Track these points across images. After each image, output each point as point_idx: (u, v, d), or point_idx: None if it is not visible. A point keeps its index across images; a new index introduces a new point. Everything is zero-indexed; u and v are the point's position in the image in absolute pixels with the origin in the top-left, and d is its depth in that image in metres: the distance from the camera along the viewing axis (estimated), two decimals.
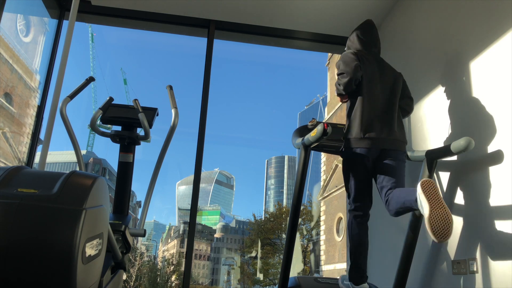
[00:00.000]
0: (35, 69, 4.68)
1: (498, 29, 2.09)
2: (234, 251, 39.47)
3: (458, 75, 2.42)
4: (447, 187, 2.37)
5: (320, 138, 2.07)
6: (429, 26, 2.84)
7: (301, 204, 2.43)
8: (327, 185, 27.97)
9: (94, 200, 1.29)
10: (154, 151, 2.58)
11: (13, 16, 4.29)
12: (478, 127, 2.16)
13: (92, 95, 43.78)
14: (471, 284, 2.04)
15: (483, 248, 2.01)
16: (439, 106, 2.55)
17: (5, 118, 5.63)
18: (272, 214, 31.29)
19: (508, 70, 1.99)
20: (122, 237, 2.03)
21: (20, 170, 1.36)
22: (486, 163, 2.07)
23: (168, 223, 57.55)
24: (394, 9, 3.41)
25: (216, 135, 55.48)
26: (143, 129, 2.26)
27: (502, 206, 1.93)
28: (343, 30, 3.83)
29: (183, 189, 72.98)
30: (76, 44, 39.35)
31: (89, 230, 1.25)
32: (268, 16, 3.69)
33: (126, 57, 77.23)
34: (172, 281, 28.70)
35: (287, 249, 2.31)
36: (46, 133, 2.34)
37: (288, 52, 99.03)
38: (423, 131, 2.71)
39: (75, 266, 1.17)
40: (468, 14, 2.40)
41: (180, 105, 2.43)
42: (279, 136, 77.24)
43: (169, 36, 43.88)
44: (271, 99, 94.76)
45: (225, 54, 57.23)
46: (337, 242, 25.56)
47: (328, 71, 31.13)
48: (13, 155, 5.62)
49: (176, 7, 3.67)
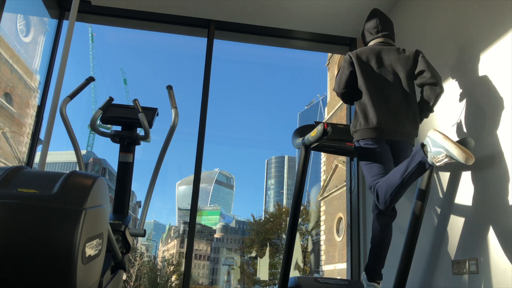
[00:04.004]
0: (35, 69, 4.68)
1: (500, 28, 2.09)
2: (234, 251, 39.44)
3: (458, 75, 2.42)
4: (447, 187, 2.37)
5: (320, 138, 2.07)
6: (429, 26, 2.84)
7: (301, 204, 2.43)
8: (327, 185, 27.95)
9: (94, 200, 1.29)
10: (154, 151, 2.58)
11: (13, 16, 4.28)
12: (478, 127, 2.16)
13: (92, 95, 43.80)
14: (471, 284, 2.04)
15: (483, 248, 2.01)
16: (439, 106, 2.55)
17: (5, 118, 5.63)
18: (272, 214, 31.28)
19: (508, 70, 1.99)
20: (122, 237, 2.03)
21: (20, 170, 1.36)
22: (486, 163, 2.07)
23: (168, 223, 57.52)
24: (395, 9, 3.41)
25: (216, 135, 55.53)
26: (143, 129, 2.26)
27: (502, 206, 1.93)
28: (343, 30, 3.83)
29: (183, 189, 72.94)
30: (76, 44, 39.39)
31: (89, 230, 1.25)
32: (268, 16, 3.69)
33: (126, 57, 77.30)
34: (172, 281, 28.68)
35: (287, 249, 2.31)
36: (46, 133, 2.34)
37: (288, 52, 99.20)
38: (422, 134, 2.71)
39: (75, 266, 1.17)
40: (468, 14, 2.40)
41: (180, 105, 2.43)
42: (279, 136, 77.26)
43: (169, 36, 43.93)
44: (271, 99, 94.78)
45: (225, 54, 57.22)
46: (337, 242, 25.54)
47: (328, 71, 31.12)
48: (13, 155, 5.62)
49: (176, 7, 3.67)
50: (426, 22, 2.90)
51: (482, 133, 2.11)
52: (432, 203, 2.44)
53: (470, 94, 2.29)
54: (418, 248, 2.27)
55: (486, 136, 2.08)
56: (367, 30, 2.48)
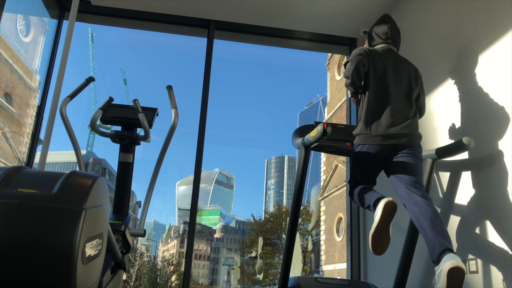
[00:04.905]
0: (35, 69, 4.68)
1: (499, 30, 2.09)
2: (234, 251, 39.43)
3: (458, 75, 2.42)
4: (447, 187, 2.37)
5: (320, 138, 2.07)
6: (430, 26, 2.84)
7: (301, 204, 2.43)
8: (327, 185, 27.95)
9: (94, 200, 1.29)
10: (154, 151, 2.58)
11: (13, 16, 4.29)
12: (478, 127, 2.16)
13: (92, 95, 43.77)
14: (471, 284, 2.04)
15: (483, 248, 2.01)
16: (439, 106, 2.55)
17: (5, 118, 5.63)
18: (272, 214, 31.27)
19: (508, 70, 1.99)
20: (122, 237, 2.03)
21: (20, 170, 1.36)
22: (486, 163, 2.07)
23: (168, 223, 57.48)
24: (395, 9, 3.41)
25: (216, 135, 55.45)
26: (143, 129, 2.26)
27: (502, 206, 1.93)
28: (343, 30, 3.83)
29: (183, 189, 72.94)
30: (76, 44, 39.34)
31: (89, 230, 1.25)
32: (268, 16, 3.69)
33: (126, 57, 77.19)
34: (172, 281, 28.68)
35: (287, 249, 2.30)
36: (46, 133, 2.35)
37: (288, 52, 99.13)
38: (424, 132, 2.71)
39: (75, 266, 1.17)
40: (468, 13, 2.40)
41: (180, 105, 2.43)
42: (279, 136, 77.15)
43: (169, 36, 43.84)
44: (271, 99, 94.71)
45: (225, 54, 57.17)
46: (337, 242, 25.54)
47: (328, 71, 31.10)
48: (13, 155, 5.62)
49: (176, 7, 3.67)
50: (426, 22, 2.90)
51: (482, 133, 2.11)
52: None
53: (470, 94, 2.29)
54: (418, 248, 2.27)
55: (486, 136, 2.08)
56: (376, 33, 2.46)
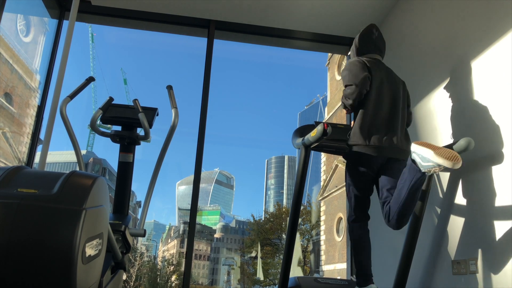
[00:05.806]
0: (35, 69, 4.69)
1: (498, 29, 2.09)
2: (234, 251, 39.46)
3: (458, 76, 2.42)
4: (447, 187, 2.37)
5: (320, 138, 2.07)
6: (430, 26, 2.84)
7: (301, 204, 2.43)
8: (327, 185, 27.96)
9: (94, 200, 1.29)
10: (154, 151, 2.58)
11: (13, 16, 4.29)
12: (478, 127, 2.16)
13: (92, 95, 43.84)
14: (471, 284, 2.04)
15: (483, 248, 2.01)
16: (439, 107, 2.55)
17: (5, 118, 5.63)
18: (272, 214, 31.28)
19: (508, 71, 1.99)
20: (122, 237, 2.03)
21: (20, 170, 1.36)
22: (486, 163, 2.07)
23: (168, 223, 57.57)
24: (395, 9, 3.41)
25: (216, 135, 55.52)
26: (143, 129, 2.26)
27: (502, 206, 1.93)
28: (343, 30, 3.83)
29: (183, 189, 73.00)
30: (76, 44, 39.36)
31: (89, 230, 1.25)
32: (268, 16, 3.69)
33: (126, 57, 77.26)
34: (172, 281, 28.72)
35: (287, 249, 2.30)
36: (46, 133, 2.34)
37: (288, 52, 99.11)
38: (424, 131, 2.71)
39: (75, 266, 1.17)
40: (469, 14, 2.40)
41: (180, 105, 2.43)
42: (279, 136, 77.21)
43: (169, 36, 43.87)
44: (271, 99, 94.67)
45: (225, 54, 57.21)
46: (337, 242, 25.55)
47: (328, 71, 31.12)
48: (13, 155, 5.62)
49: (176, 7, 3.67)
50: (426, 21, 2.90)
51: (482, 133, 2.11)
52: (432, 203, 2.44)
53: (471, 94, 2.28)
54: (418, 248, 2.27)
55: (486, 136, 2.08)
56: (365, 41, 2.47)
